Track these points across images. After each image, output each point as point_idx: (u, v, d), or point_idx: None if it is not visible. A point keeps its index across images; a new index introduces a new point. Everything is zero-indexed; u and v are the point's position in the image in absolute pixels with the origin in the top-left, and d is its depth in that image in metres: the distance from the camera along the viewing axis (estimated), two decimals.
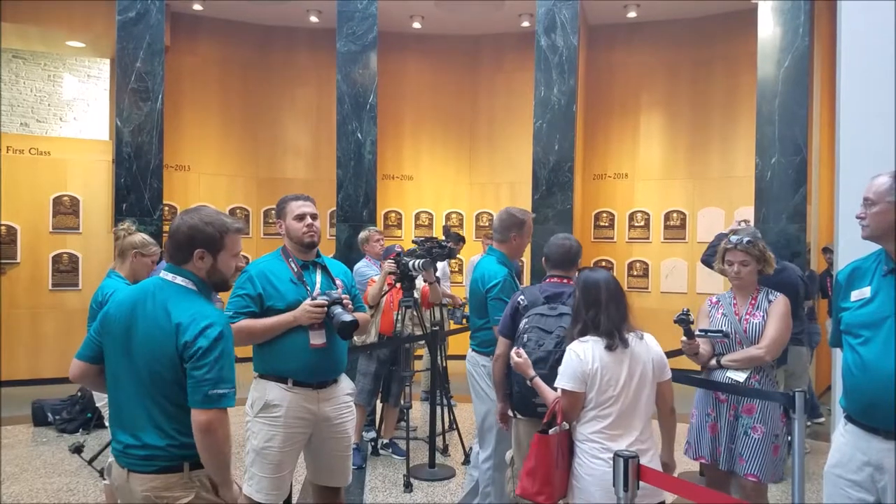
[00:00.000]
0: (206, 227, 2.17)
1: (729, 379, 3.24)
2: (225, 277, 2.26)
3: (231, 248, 2.23)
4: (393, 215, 9.47)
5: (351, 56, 7.40)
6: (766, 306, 3.26)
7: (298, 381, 2.90)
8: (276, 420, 2.86)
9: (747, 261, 3.26)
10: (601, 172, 9.11)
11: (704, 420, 3.30)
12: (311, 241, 3.02)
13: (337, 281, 3.10)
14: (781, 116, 6.22)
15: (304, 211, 3.03)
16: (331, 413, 2.97)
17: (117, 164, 7.24)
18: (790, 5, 6.23)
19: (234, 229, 2.23)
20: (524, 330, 2.97)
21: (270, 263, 3.03)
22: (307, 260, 3.07)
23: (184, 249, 2.17)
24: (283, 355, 2.90)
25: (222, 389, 2.03)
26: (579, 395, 2.53)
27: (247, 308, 2.89)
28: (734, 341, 3.27)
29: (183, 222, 2.18)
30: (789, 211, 6.15)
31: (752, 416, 3.15)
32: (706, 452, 3.28)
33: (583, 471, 2.52)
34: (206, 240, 2.17)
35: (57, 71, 9.85)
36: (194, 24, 8.81)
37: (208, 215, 2.21)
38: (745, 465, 3.12)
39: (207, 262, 2.19)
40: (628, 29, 8.87)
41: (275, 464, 2.87)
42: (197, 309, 2.11)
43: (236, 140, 9.22)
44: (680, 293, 8.62)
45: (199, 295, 2.18)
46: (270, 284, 2.93)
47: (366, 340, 4.95)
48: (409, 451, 4.74)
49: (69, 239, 7.92)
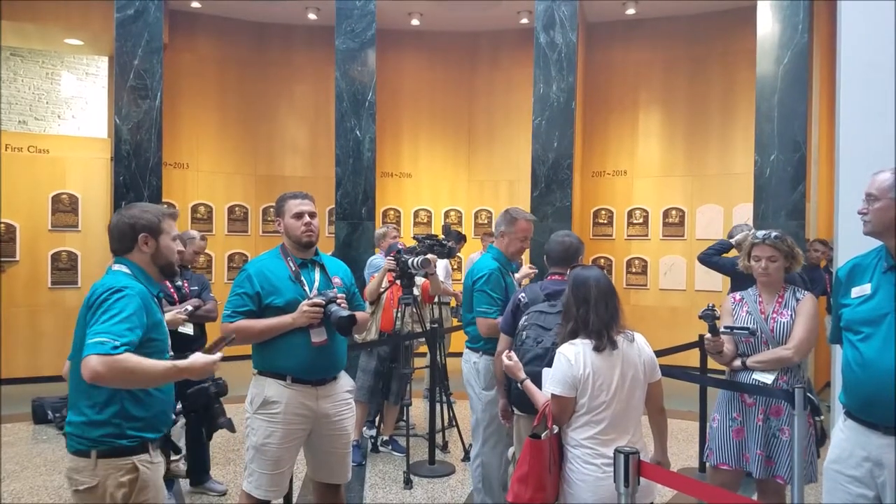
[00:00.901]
0: (144, 213, 2.35)
1: (755, 381, 3.11)
2: (170, 260, 2.40)
3: (169, 231, 2.39)
4: (392, 213, 9.46)
5: (349, 53, 7.39)
6: (793, 304, 3.11)
7: (297, 378, 2.91)
8: (274, 417, 2.87)
9: (775, 256, 3.12)
10: (600, 169, 9.12)
11: (729, 425, 3.16)
12: (308, 240, 3.01)
13: (335, 279, 3.09)
14: (780, 113, 6.23)
15: (303, 209, 3.01)
16: (330, 410, 2.97)
17: (116, 161, 7.23)
18: (789, 2, 6.23)
19: (168, 213, 2.42)
20: (523, 327, 2.97)
21: (269, 262, 3.03)
22: (305, 258, 3.06)
23: (126, 238, 2.32)
24: (283, 353, 2.91)
25: (105, 338, 2.03)
26: (569, 399, 2.49)
27: (244, 307, 2.90)
28: (759, 340, 3.14)
29: (122, 216, 2.35)
30: (788, 208, 6.16)
31: (781, 417, 3.05)
32: (730, 458, 3.13)
33: (575, 476, 2.49)
34: (146, 225, 2.33)
35: (55, 69, 9.82)
36: (192, 21, 8.79)
37: (145, 205, 2.43)
38: (774, 467, 3.04)
39: (152, 246, 2.34)
40: (627, 26, 8.87)
41: (273, 460, 2.88)
42: (106, 279, 2.23)
43: (235, 137, 9.21)
44: (678, 290, 8.63)
45: (129, 277, 2.26)
46: (268, 282, 2.93)
47: (366, 338, 4.96)
48: (409, 448, 4.75)
49: (68, 237, 7.91)
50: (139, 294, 2.18)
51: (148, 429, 2.22)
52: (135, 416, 2.17)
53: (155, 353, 2.21)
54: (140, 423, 2.19)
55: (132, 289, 2.17)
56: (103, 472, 2.13)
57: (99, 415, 2.14)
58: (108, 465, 2.13)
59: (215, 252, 8.80)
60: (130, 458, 2.16)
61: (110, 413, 2.14)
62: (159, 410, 2.27)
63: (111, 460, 2.13)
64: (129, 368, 2.03)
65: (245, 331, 2.85)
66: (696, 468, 4.85)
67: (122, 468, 2.14)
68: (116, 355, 2.01)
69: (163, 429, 2.30)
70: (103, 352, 2.01)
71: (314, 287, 2.99)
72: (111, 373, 2.01)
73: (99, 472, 2.13)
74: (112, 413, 2.14)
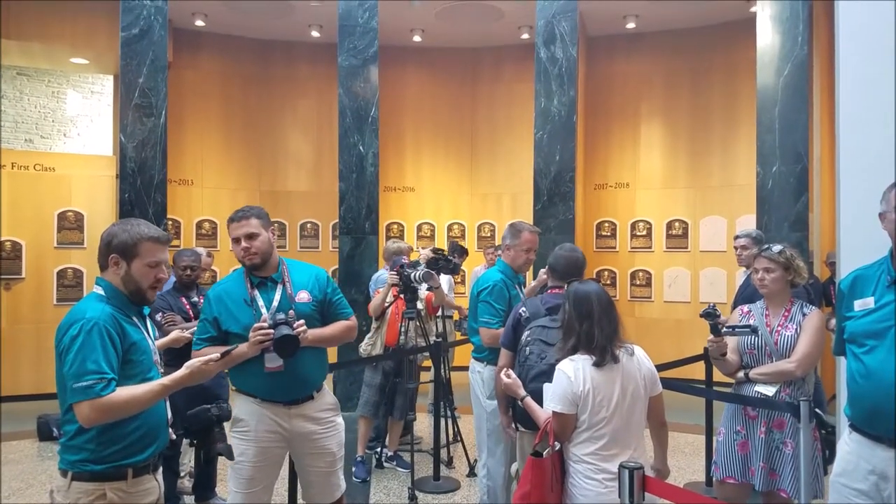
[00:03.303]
0: (121, 233, 2.21)
1: (758, 393, 3.11)
2: (140, 287, 2.23)
3: (145, 256, 2.21)
4: (395, 227, 9.49)
5: (352, 70, 7.43)
6: (799, 319, 3.12)
7: (266, 399, 2.86)
8: (246, 434, 2.85)
9: (771, 268, 3.14)
10: (602, 182, 9.13)
11: (733, 438, 3.17)
12: (251, 263, 2.88)
13: (301, 294, 2.93)
14: (782, 125, 6.24)
15: (237, 234, 2.89)
16: (306, 428, 2.90)
17: (121, 179, 7.26)
18: (789, 14, 6.26)
19: (149, 237, 2.22)
20: (526, 342, 2.96)
21: (229, 284, 2.97)
22: (264, 276, 2.93)
23: (102, 255, 2.24)
24: (248, 375, 2.86)
25: (86, 381, 2.04)
26: (570, 416, 2.48)
27: (206, 334, 2.86)
28: (763, 353, 3.14)
29: (107, 230, 2.26)
30: (791, 219, 6.15)
31: (784, 430, 3.05)
32: (735, 472, 3.13)
33: (577, 491, 2.47)
34: (118, 245, 2.20)
35: (61, 87, 9.90)
36: (196, 39, 8.87)
37: (131, 223, 2.25)
38: (779, 480, 3.03)
39: (122, 269, 2.21)
40: (627, 39, 8.92)
41: (247, 479, 2.84)
42: (74, 309, 2.17)
43: (239, 154, 9.27)
44: (683, 302, 8.61)
45: (101, 300, 2.20)
46: (225, 307, 2.87)
47: (371, 352, 4.96)
48: (414, 464, 4.73)
49: (74, 254, 7.95)
50: (103, 322, 2.11)
51: (127, 455, 2.16)
52: (110, 442, 2.13)
53: (139, 374, 2.19)
54: (115, 449, 2.14)
55: (91, 319, 2.10)
56: (74, 495, 2.12)
57: (73, 440, 2.14)
58: (79, 488, 2.12)
59: (220, 267, 8.82)
60: (102, 485, 2.12)
61: (83, 439, 2.13)
62: (142, 434, 2.20)
63: (82, 484, 2.12)
64: (120, 405, 2.07)
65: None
66: (702, 482, 4.82)
67: (92, 493, 2.12)
68: (105, 396, 2.04)
69: (149, 452, 2.23)
70: (92, 396, 2.04)
71: (272, 308, 2.84)
72: (105, 415, 2.06)
73: (71, 494, 2.12)
74: (85, 439, 2.13)
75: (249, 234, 2.88)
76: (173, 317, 4.10)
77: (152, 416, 2.23)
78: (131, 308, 2.27)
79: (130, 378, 2.16)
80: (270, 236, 2.96)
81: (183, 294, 4.31)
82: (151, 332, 2.40)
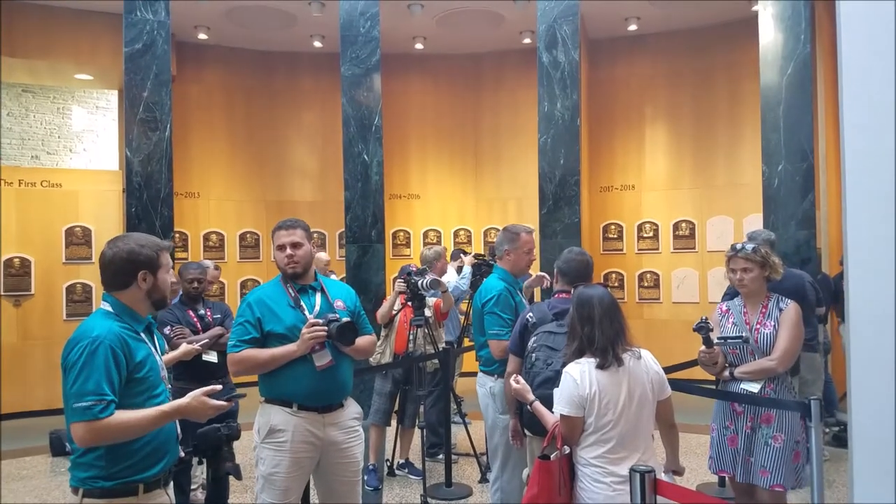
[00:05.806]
0: (142, 249, 2.27)
1: (743, 390, 3.20)
2: (165, 295, 2.34)
3: (167, 265, 2.34)
4: (401, 234, 9.51)
5: (355, 79, 7.46)
6: (776, 315, 3.20)
7: (303, 406, 2.88)
8: (282, 445, 2.85)
9: (749, 267, 3.21)
10: (608, 184, 9.13)
11: (723, 433, 3.26)
12: (293, 271, 2.98)
13: (337, 302, 3.06)
14: (786, 123, 6.22)
15: (283, 241, 2.99)
16: (337, 437, 2.94)
17: (128, 193, 7.29)
18: (790, 12, 6.25)
19: (165, 247, 2.35)
20: (533, 348, 2.95)
21: (268, 290, 3.04)
22: (304, 284, 3.04)
23: (123, 274, 2.25)
24: (288, 380, 2.88)
25: (85, 402, 2.05)
26: (577, 419, 2.49)
27: (247, 335, 2.89)
28: (745, 351, 3.22)
29: (119, 249, 2.25)
30: (798, 217, 6.13)
31: (771, 425, 3.11)
32: (728, 466, 3.24)
33: (585, 495, 2.48)
34: (145, 261, 2.26)
35: (66, 103, 9.98)
36: (199, 52, 8.93)
37: (140, 238, 2.32)
38: (770, 477, 3.06)
39: (150, 282, 2.27)
40: (629, 42, 8.92)
41: (282, 490, 2.85)
42: (82, 327, 2.19)
43: (244, 165, 9.31)
44: (692, 303, 8.58)
45: (110, 316, 2.22)
46: (268, 309, 2.92)
47: (380, 360, 4.96)
48: (426, 471, 4.73)
49: (82, 269, 7.99)
50: (109, 341, 2.12)
51: (137, 471, 2.17)
52: (120, 458, 2.14)
53: (146, 391, 2.20)
54: (125, 465, 2.15)
55: (97, 338, 2.11)
56: None
57: (82, 458, 2.15)
58: None
59: (228, 280, 8.85)
60: (113, 501, 2.14)
61: (93, 456, 2.14)
62: (152, 450, 2.21)
63: (94, 501, 2.13)
64: (115, 430, 2.08)
65: (249, 360, 2.86)
66: (715, 483, 4.79)
67: None
68: (103, 419, 2.05)
69: (160, 467, 2.24)
70: (90, 418, 2.05)
71: (314, 311, 2.96)
72: (100, 438, 2.07)
73: None
74: (95, 456, 2.13)
75: (294, 242, 2.99)
76: (182, 330, 4.11)
77: (162, 431, 2.24)
78: (139, 323, 2.29)
79: (137, 396, 2.17)
80: (311, 249, 3.08)
81: (190, 307, 4.32)
82: (159, 347, 2.41)
